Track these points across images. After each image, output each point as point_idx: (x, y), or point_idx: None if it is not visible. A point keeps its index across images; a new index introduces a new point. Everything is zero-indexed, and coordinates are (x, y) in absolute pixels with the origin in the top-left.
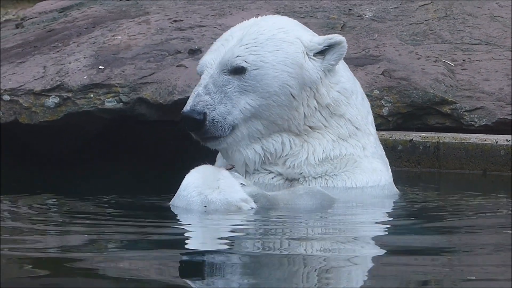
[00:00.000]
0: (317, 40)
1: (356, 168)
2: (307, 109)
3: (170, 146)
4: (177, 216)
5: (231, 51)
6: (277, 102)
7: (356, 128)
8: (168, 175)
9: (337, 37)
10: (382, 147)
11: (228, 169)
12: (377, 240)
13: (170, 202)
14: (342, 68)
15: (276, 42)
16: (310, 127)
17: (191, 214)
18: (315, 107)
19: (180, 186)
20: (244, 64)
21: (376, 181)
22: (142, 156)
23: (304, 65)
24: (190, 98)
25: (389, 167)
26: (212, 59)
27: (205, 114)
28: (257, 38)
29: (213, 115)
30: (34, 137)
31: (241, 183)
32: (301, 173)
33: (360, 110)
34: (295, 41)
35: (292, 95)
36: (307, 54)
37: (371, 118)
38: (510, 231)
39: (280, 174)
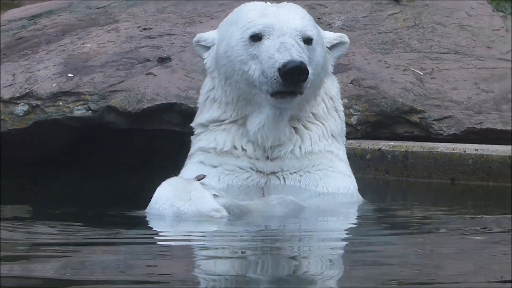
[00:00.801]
0: (331, 34)
1: (330, 168)
2: (318, 97)
3: (141, 153)
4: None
5: (298, 20)
6: (316, 81)
7: (342, 128)
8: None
9: (346, 37)
10: None
11: (199, 180)
12: (346, 247)
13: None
14: None
15: (314, 24)
16: (313, 114)
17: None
18: (322, 98)
19: (152, 199)
20: (313, 36)
21: (346, 187)
22: (118, 163)
23: (327, 54)
24: (281, 51)
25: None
26: (274, 23)
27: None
28: (304, 16)
29: (308, 69)
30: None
31: (214, 194)
32: (281, 167)
33: (342, 114)
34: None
35: (320, 77)
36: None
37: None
38: (473, 237)
39: (258, 172)
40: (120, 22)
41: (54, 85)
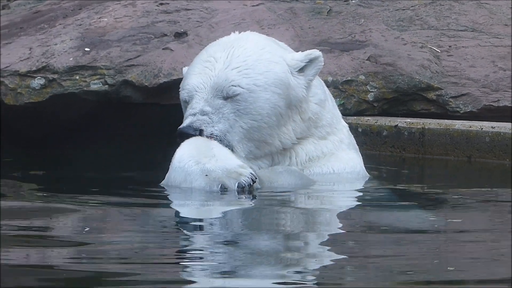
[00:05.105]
0: (298, 57)
1: (332, 157)
2: (293, 124)
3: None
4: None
5: (223, 75)
6: (268, 124)
7: (332, 128)
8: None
9: (315, 52)
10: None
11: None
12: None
13: (163, 181)
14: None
15: (264, 63)
16: (296, 138)
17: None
18: (299, 121)
19: (173, 159)
20: (239, 90)
21: (352, 167)
22: (133, 136)
23: (290, 84)
24: (186, 116)
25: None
26: (200, 83)
27: (201, 130)
28: (246, 60)
29: (211, 130)
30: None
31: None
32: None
33: (333, 112)
34: (280, 60)
35: (280, 115)
36: (291, 72)
37: (339, 113)
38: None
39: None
40: None
41: (71, 59)
